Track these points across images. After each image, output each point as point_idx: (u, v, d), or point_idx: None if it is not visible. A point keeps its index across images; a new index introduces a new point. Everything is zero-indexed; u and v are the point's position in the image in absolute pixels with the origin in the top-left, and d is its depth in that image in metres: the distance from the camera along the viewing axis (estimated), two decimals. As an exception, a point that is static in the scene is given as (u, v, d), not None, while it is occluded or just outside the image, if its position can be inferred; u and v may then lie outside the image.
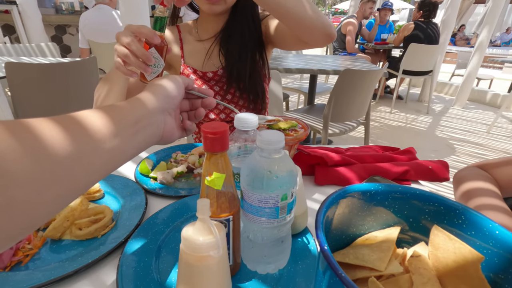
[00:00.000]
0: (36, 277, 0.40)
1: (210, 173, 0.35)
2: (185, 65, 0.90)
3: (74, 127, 0.27)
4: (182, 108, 0.45)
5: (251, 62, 0.86)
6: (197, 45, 0.90)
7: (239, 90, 0.87)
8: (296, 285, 0.40)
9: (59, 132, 0.25)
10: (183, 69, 0.90)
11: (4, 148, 0.21)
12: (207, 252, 0.31)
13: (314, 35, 0.68)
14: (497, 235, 0.30)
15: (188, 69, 0.89)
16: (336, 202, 0.34)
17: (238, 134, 0.44)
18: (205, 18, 0.89)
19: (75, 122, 0.28)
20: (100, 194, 0.59)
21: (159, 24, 0.53)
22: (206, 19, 0.88)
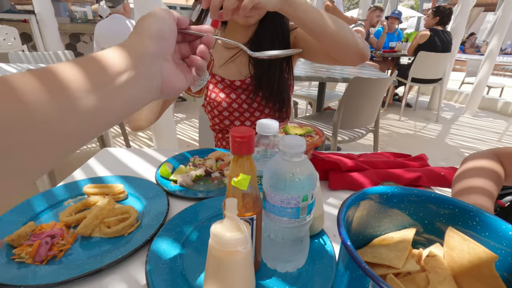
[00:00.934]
0: (71, 271, 0.43)
1: (237, 174, 0.37)
2: (213, 73, 0.91)
3: (47, 83, 0.23)
4: (183, 53, 0.40)
5: (279, 71, 0.87)
6: (225, 54, 0.91)
7: (265, 98, 0.89)
8: (314, 284, 0.42)
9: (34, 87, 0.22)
10: (211, 78, 0.91)
11: None
12: (235, 247, 0.34)
13: (347, 54, 0.70)
14: (511, 235, 0.32)
15: (216, 78, 0.91)
16: (355, 203, 0.37)
17: (259, 138, 0.46)
18: (234, 28, 0.89)
19: (48, 77, 0.24)
20: (124, 195, 0.62)
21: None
22: (235, 28, 0.88)
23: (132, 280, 0.43)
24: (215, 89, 0.93)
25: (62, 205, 0.60)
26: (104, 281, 0.43)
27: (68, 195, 0.62)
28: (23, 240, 0.48)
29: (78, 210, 0.56)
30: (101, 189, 0.61)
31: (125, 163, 0.79)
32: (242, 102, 0.91)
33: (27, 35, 4.54)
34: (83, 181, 0.66)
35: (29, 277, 0.42)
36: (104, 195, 0.60)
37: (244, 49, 0.50)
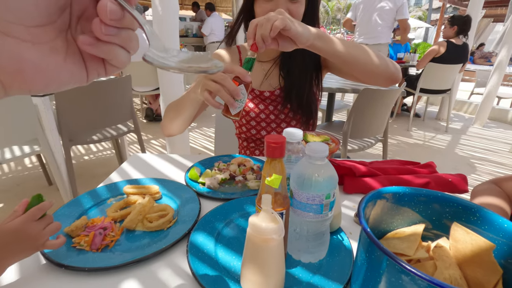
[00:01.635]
0: (123, 257, 0.50)
1: (270, 174, 0.44)
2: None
3: None
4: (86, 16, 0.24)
5: (309, 84, 0.92)
6: (256, 66, 0.96)
7: (293, 110, 0.94)
8: (334, 272, 0.48)
9: None
10: None
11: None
12: (270, 235, 0.40)
13: (377, 79, 0.76)
14: (506, 228, 0.37)
15: None
16: (372, 200, 0.43)
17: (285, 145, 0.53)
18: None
19: None
20: (159, 195, 0.70)
21: (250, 65, 0.60)
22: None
23: (175, 266, 0.50)
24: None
25: (105, 203, 0.67)
26: (152, 266, 0.50)
27: (110, 194, 0.70)
28: (79, 231, 0.55)
29: (121, 207, 0.63)
30: (139, 190, 0.69)
31: (154, 167, 0.87)
32: (270, 113, 0.96)
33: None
34: (121, 182, 0.74)
35: (90, 261, 0.49)
36: (142, 194, 0.68)
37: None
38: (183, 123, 0.79)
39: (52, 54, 0.23)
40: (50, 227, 0.46)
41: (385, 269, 0.33)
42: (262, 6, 0.81)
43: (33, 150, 1.83)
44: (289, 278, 0.47)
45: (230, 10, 8.12)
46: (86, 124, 2.01)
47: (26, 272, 0.48)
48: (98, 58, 0.25)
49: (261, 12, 0.82)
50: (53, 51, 0.23)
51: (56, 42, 0.23)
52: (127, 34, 0.24)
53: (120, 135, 2.19)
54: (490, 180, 0.70)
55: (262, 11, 0.81)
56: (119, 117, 2.16)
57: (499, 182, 0.67)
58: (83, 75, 0.25)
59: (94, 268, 0.47)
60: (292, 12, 0.80)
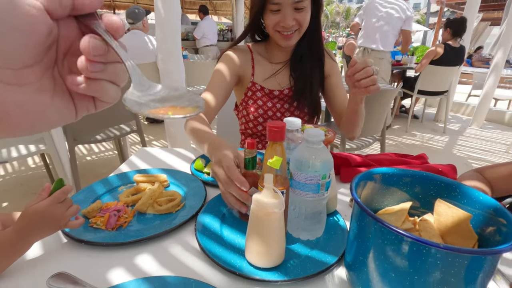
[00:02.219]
0: (137, 235, 0.54)
1: (271, 156, 0.49)
2: (253, 82, 0.99)
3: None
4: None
5: (316, 85, 0.98)
6: (267, 66, 1.00)
7: (299, 109, 1.00)
8: (330, 247, 0.53)
9: None
10: (251, 86, 0.99)
11: None
12: (272, 209, 0.45)
13: (346, 132, 0.98)
14: (481, 200, 0.42)
15: (256, 86, 0.99)
16: (363, 179, 0.47)
17: (285, 133, 0.58)
18: (276, 45, 0.96)
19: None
20: (167, 183, 0.74)
21: (252, 164, 0.55)
22: (277, 46, 0.95)
23: (185, 243, 0.55)
24: (253, 96, 1.00)
25: (117, 190, 0.72)
26: (164, 243, 0.55)
27: (121, 182, 0.74)
28: (95, 213, 0.59)
29: (132, 194, 0.68)
30: (148, 178, 0.73)
31: (161, 159, 0.92)
32: (277, 110, 1.01)
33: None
34: (131, 172, 0.79)
35: (107, 238, 0.53)
36: (151, 182, 0.72)
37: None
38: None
39: (39, 94, 0.22)
40: (71, 209, 0.51)
41: (373, 232, 0.38)
42: (271, 18, 0.85)
43: (38, 149, 1.88)
44: (289, 252, 0.52)
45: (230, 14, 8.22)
46: (89, 124, 2.06)
47: (49, 249, 0.52)
48: (87, 95, 0.24)
49: (270, 23, 0.86)
50: (40, 91, 0.22)
51: (43, 81, 0.22)
52: (114, 68, 0.23)
53: (123, 135, 2.24)
54: (474, 169, 0.75)
55: (272, 22, 0.86)
56: (122, 117, 2.20)
57: (482, 170, 0.72)
58: (71, 113, 0.24)
59: (111, 243, 0.52)
60: (299, 21, 0.85)
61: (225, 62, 0.97)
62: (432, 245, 0.31)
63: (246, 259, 0.49)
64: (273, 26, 0.87)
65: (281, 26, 0.86)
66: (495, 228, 0.40)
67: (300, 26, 0.87)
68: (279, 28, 0.87)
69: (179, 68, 2.48)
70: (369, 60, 0.72)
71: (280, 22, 0.85)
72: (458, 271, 0.32)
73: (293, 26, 0.85)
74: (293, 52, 0.98)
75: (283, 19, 0.84)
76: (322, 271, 0.47)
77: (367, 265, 0.40)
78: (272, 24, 0.86)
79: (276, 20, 0.85)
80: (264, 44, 1.02)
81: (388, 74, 3.54)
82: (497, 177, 0.69)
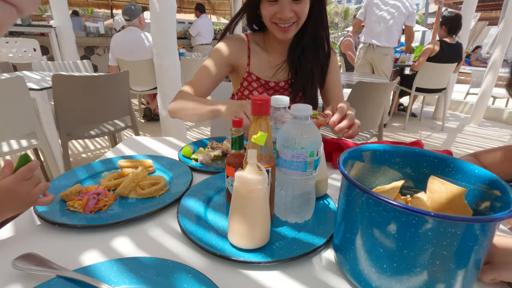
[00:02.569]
0: (116, 218, 0.52)
1: (256, 132, 0.46)
2: (249, 72, 0.96)
3: None
4: None
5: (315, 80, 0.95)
6: (264, 56, 0.96)
7: (294, 102, 0.97)
8: (319, 230, 0.50)
9: None
10: (247, 76, 0.96)
11: None
12: (255, 185, 0.42)
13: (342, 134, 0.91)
14: (476, 173, 0.40)
15: (252, 77, 0.96)
16: (353, 156, 0.45)
17: (273, 111, 0.55)
18: (273, 36, 0.91)
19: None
20: (153, 169, 0.71)
21: (239, 144, 0.53)
22: (274, 37, 0.90)
23: (166, 225, 0.52)
24: (249, 86, 0.98)
25: (100, 175, 0.69)
26: (144, 225, 0.52)
27: (104, 168, 0.71)
28: (73, 196, 0.57)
29: (115, 178, 0.65)
30: (133, 163, 0.70)
31: (149, 147, 0.89)
32: None
33: (44, 48, 4.81)
34: (116, 158, 0.76)
35: (83, 220, 0.50)
36: (136, 167, 0.69)
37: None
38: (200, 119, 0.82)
39: None
40: (40, 186, 0.48)
41: (360, 206, 0.35)
42: (268, 8, 0.82)
43: (30, 144, 1.85)
44: (275, 234, 0.49)
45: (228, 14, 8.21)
46: (83, 119, 2.03)
47: (21, 231, 0.49)
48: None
49: (267, 14, 0.83)
50: None
51: None
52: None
53: (118, 130, 2.21)
54: (470, 153, 0.73)
55: (269, 13, 0.83)
56: (117, 113, 2.17)
57: (478, 155, 0.70)
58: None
59: (86, 225, 0.49)
60: (298, 13, 0.82)
61: (216, 52, 0.95)
62: (422, 213, 0.29)
63: (228, 241, 0.46)
64: (270, 18, 0.84)
65: (278, 18, 0.82)
66: (490, 203, 0.37)
67: (298, 18, 0.84)
68: (276, 19, 0.83)
69: (175, 64, 2.45)
70: (340, 106, 0.72)
71: (277, 14, 0.82)
72: (451, 243, 0.30)
73: (291, 18, 0.82)
74: (292, 43, 0.94)
75: (280, 10, 0.80)
76: (308, 252, 0.44)
77: (354, 242, 0.37)
78: (269, 15, 0.83)
79: (273, 11, 0.82)
80: (262, 34, 0.99)
81: (390, 70, 3.55)
82: (493, 161, 0.67)
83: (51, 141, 1.97)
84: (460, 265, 0.31)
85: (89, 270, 0.40)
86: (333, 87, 1.01)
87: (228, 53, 0.94)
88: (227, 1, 8.06)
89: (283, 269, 0.43)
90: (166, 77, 2.45)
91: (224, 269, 0.43)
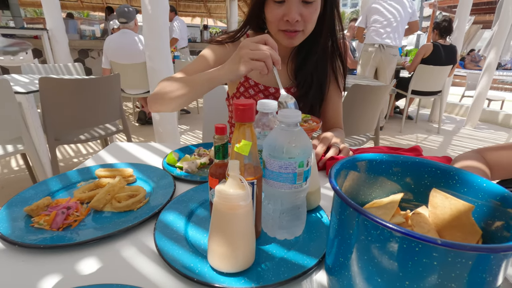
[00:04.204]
0: (85, 236, 0.46)
1: (239, 140, 0.41)
2: (247, 77, 0.91)
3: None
4: None
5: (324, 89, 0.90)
6: None
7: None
8: (310, 248, 0.45)
9: None
10: (244, 81, 0.91)
11: None
12: (237, 201, 0.37)
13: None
14: (485, 187, 0.35)
15: (249, 82, 0.91)
16: (346, 167, 0.40)
17: (260, 117, 0.51)
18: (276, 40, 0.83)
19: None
20: (133, 178, 0.66)
21: (222, 153, 0.47)
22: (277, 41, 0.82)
23: (142, 244, 0.47)
24: (246, 93, 0.92)
25: (75, 186, 0.63)
26: (116, 244, 0.46)
27: (81, 178, 0.66)
28: (41, 210, 0.51)
29: (90, 189, 0.60)
30: (111, 173, 0.65)
31: (133, 154, 0.84)
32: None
33: (37, 51, 4.75)
34: (95, 167, 0.71)
35: (48, 240, 0.45)
36: (115, 177, 0.64)
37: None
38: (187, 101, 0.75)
39: None
40: None
41: (355, 228, 0.31)
42: (274, 11, 0.76)
43: (16, 149, 1.78)
44: (262, 254, 0.44)
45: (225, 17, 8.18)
46: (72, 123, 1.97)
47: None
48: None
49: (272, 17, 0.77)
50: None
51: None
52: None
53: (109, 134, 2.15)
54: (473, 149, 0.68)
55: (274, 16, 0.76)
56: (108, 116, 2.12)
57: (482, 152, 0.65)
58: None
59: (50, 245, 0.44)
60: (306, 17, 0.75)
61: (213, 49, 0.88)
62: (427, 240, 0.24)
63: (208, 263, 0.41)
64: (277, 22, 0.77)
65: (284, 22, 0.76)
66: (503, 223, 0.33)
67: (305, 24, 0.77)
68: (282, 25, 0.77)
69: (168, 67, 2.39)
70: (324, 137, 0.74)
71: (284, 16, 0.75)
72: (460, 274, 0.25)
73: (298, 23, 0.76)
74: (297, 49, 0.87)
75: (287, 12, 0.73)
76: (297, 276, 0.39)
77: (349, 268, 0.32)
78: (275, 19, 0.76)
79: (279, 14, 0.75)
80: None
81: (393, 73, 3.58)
82: (500, 160, 0.62)
83: (38, 146, 1.90)
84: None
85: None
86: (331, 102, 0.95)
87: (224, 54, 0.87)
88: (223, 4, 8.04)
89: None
90: (159, 80, 2.40)
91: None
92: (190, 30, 7.07)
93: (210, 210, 0.53)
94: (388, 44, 3.34)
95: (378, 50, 3.41)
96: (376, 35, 3.39)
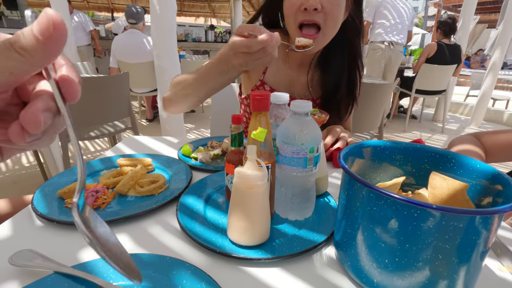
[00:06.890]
0: (114, 215, 0.51)
1: (255, 128, 0.46)
2: (263, 81, 0.87)
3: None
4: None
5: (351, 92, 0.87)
6: (282, 67, 0.87)
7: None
8: (320, 227, 0.49)
9: None
10: (260, 84, 0.88)
11: None
12: (255, 181, 0.42)
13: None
14: (479, 168, 0.39)
15: (265, 87, 0.88)
16: (353, 153, 0.44)
17: (272, 108, 0.55)
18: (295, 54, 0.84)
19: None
20: (152, 167, 0.71)
21: (238, 141, 0.52)
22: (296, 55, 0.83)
23: (165, 223, 0.51)
24: None
25: (99, 174, 0.68)
26: (143, 223, 0.51)
27: (104, 166, 0.71)
28: (72, 194, 0.56)
29: (114, 176, 0.65)
30: (132, 161, 0.70)
31: (149, 147, 0.89)
32: None
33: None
34: (116, 156, 0.76)
35: (81, 218, 0.50)
36: (135, 166, 0.69)
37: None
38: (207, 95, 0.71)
39: None
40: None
41: (361, 200, 0.35)
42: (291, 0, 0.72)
43: (30, 145, 1.84)
44: (276, 232, 0.48)
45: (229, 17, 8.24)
46: (83, 120, 2.03)
47: (19, 229, 0.49)
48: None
49: (290, 6, 0.73)
50: None
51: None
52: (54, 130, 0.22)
53: (118, 132, 2.20)
54: (470, 133, 0.71)
55: (291, 5, 0.72)
56: (117, 114, 2.17)
57: (479, 136, 0.68)
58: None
59: (85, 222, 0.48)
60: (326, 9, 0.70)
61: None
62: (424, 205, 0.28)
63: (228, 238, 0.45)
64: (294, 15, 0.72)
65: (302, 12, 0.70)
66: (492, 198, 0.37)
67: (325, 16, 0.71)
68: (300, 16, 0.71)
69: (175, 66, 2.45)
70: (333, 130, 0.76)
71: (302, 5, 0.69)
72: (453, 236, 0.29)
73: (316, 13, 0.69)
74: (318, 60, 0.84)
75: (306, 1, 0.68)
76: (309, 249, 0.44)
77: (355, 238, 0.37)
78: (292, 7, 0.71)
79: (297, 3, 0.70)
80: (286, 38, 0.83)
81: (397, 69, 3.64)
82: (495, 144, 0.66)
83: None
84: (463, 259, 0.31)
85: (87, 266, 0.39)
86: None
87: None
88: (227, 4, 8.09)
89: (284, 266, 0.42)
90: (166, 79, 2.45)
91: (224, 266, 0.42)
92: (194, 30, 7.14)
93: (226, 194, 0.58)
94: (397, 42, 3.41)
95: (387, 48, 3.45)
96: (384, 33, 3.44)
